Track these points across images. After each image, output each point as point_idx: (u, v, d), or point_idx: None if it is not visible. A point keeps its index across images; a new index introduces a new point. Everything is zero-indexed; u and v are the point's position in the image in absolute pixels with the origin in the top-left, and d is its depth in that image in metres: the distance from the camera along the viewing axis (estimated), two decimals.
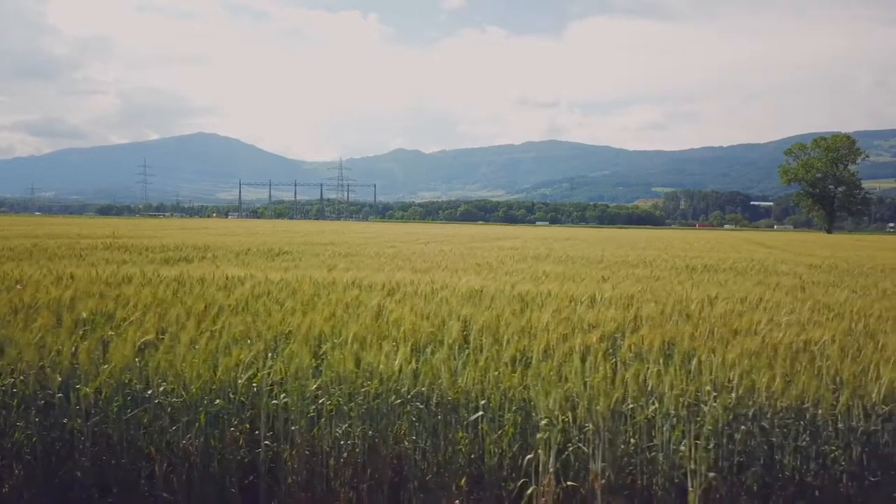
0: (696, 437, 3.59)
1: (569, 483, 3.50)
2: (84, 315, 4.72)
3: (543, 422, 3.48)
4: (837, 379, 3.86)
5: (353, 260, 12.19)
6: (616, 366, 4.03)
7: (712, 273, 12.17)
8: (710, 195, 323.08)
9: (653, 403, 3.68)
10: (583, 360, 4.00)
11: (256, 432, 3.85)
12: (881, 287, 9.95)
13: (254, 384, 3.90)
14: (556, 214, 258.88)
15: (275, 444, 3.79)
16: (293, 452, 3.76)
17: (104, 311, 4.85)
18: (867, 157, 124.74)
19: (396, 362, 3.87)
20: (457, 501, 3.83)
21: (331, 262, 11.51)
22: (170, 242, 17.04)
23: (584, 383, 3.68)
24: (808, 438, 3.70)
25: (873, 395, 3.72)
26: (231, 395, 3.83)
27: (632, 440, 3.68)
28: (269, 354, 4.10)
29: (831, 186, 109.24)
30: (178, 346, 3.99)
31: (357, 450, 3.77)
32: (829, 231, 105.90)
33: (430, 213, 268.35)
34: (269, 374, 3.86)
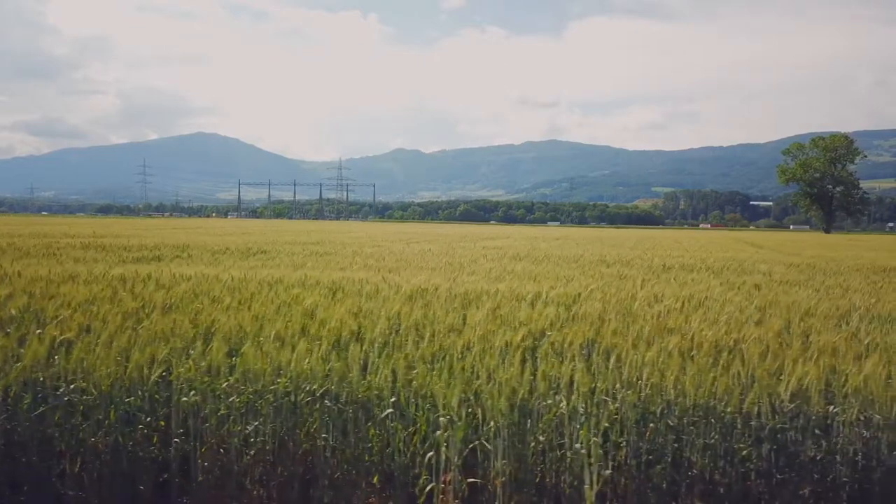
0: (600, 434, 3.58)
1: (470, 480, 3.50)
2: (13, 312, 4.72)
3: (443, 419, 3.47)
4: (750, 377, 3.85)
5: (324, 259, 12.19)
6: (525, 363, 4.01)
7: (685, 272, 12.16)
8: (709, 195, 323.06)
9: (561, 401, 3.67)
10: (502, 358, 4.01)
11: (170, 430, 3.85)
12: (847, 285, 9.95)
13: (172, 382, 3.90)
14: (555, 214, 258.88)
15: (186, 442, 3.79)
16: (203, 450, 3.76)
17: (35, 308, 4.85)
18: (865, 156, 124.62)
19: (308, 360, 3.87)
20: (372, 498, 3.83)
21: (301, 261, 11.51)
22: (150, 242, 17.03)
23: (489, 379, 3.68)
24: (716, 436, 3.70)
25: (782, 392, 3.72)
26: (142, 393, 3.83)
27: (541, 437, 3.67)
28: (189, 352, 4.10)
29: (829, 186, 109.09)
30: (97, 343, 3.99)
31: (267, 447, 3.77)
32: (827, 231, 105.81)
33: (429, 212, 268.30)
34: (181, 371, 3.85)
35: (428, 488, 3.45)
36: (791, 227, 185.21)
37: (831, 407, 3.79)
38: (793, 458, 3.69)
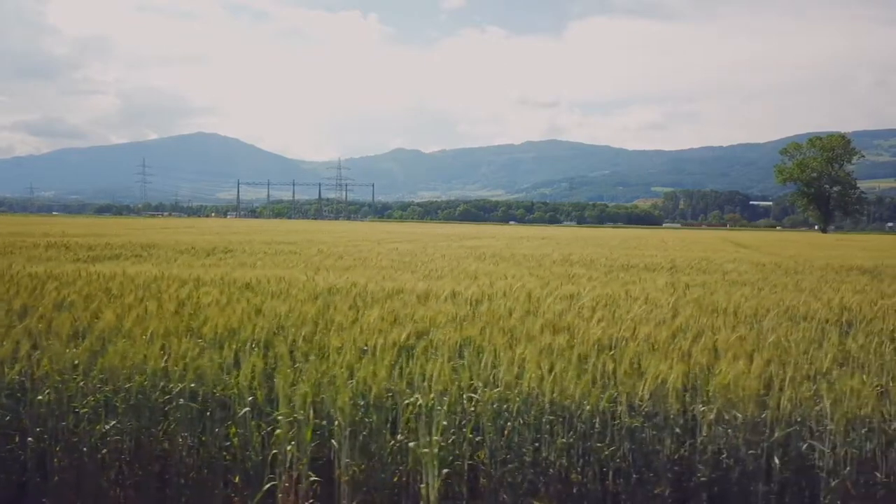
0: (453, 432, 3.55)
1: (312, 479, 3.46)
2: None
3: (282, 418, 3.44)
4: (610, 376, 3.82)
5: (277, 258, 12.16)
6: (399, 361, 3.98)
7: (642, 272, 12.13)
8: (709, 195, 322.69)
9: (417, 399, 3.64)
10: (372, 356, 3.97)
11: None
12: (796, 284, 9.90)
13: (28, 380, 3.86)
14: (554, 214, 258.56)
15: (42, 441, 3.75)
16: (58, 449, 3.73)
17: None
18: (862, 156, 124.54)
19: (173, 358, 3.83)
20: (236, 498, 3.80)
21: (252, 260, 11.49)
22: (120, 241, 17.02)
23: (350, 377, 3.64)
24: (574, 436, 3.66)
25: (640, 392, 3.68)
26: None
27: (398, 435, 3.64)
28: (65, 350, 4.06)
29: (826, 186, 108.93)
30: None
31: (124, 446, 3.73)
32: (824, 231, 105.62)
33: (428, 212, 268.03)
34: (39, 368, 3.82)
35: (266, 487, 3.42)
36: (777, 227, 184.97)
37: (697, 407, 3.76)
38: (651, 458, 3.66)
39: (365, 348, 4.16)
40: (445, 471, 3.42)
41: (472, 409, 3.66)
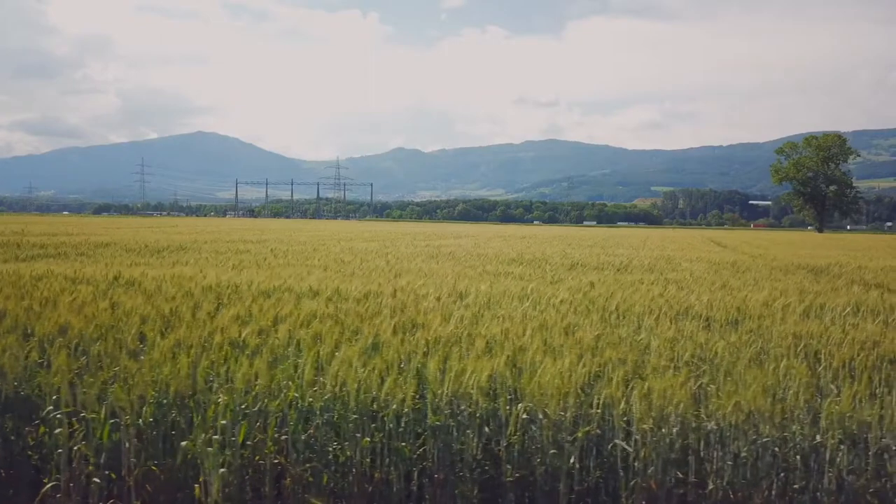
0: (256, 431, 3.50)
1: (94, 480, 3.40)
2: None
3: (60, 416, 3.39)
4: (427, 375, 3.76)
5: (223, 257, 12.13)
6: (223, 358, 3.92)
7: (586, 271, 12.07)
8: (708, 194, 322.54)
9: (219, 398, 3.58)
10: (187, 354, 3.92)
11: None
12: (728, 283, 9.83)
13: None
14: (553, 213, 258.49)
15: None
16: None
17: None
18: (858, 156, 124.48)
19: None
20: (51, 501, 3.74)
21: (188, 258, 11.44)
22: (77, 240, 16.99)
23: (131, 376, 3.59)
24: (380, 435, 3.61)
25: (444, 390, 3.62)
26: None
27: (204, 434, 3.58)
28: None
29: (823, 185, 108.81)
30: None
31: None
32: (820, 230, 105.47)
33: (427, 212, 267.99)
34: None
35: (49, 486, 3.36)
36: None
37: (507, 405, 3.70)
38: (456, 457, 3.60)
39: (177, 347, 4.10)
40: (222, 470, 3.36)
41: (277, 408, 3.60)
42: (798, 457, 3.61)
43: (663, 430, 3.57)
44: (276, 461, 3.62)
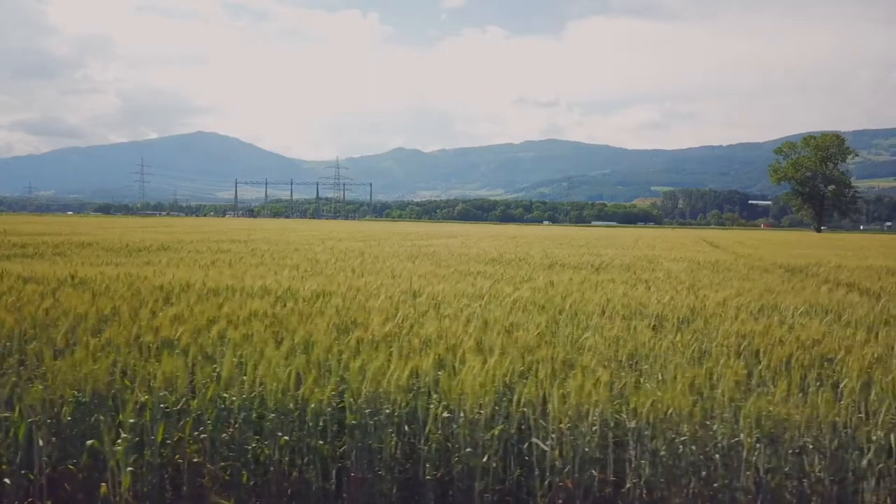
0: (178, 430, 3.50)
1: (4, 480, 3.41)
2: None
3: None
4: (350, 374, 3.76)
5: (198, 256, 12.14)
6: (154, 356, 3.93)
7: (565, 270, 12.06)
8: (708, 194, 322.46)
9: (138, 396, 3.58)
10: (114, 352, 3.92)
11: None
12: (698, 282, 9.83)
13: None
14: (553, 213, 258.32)
15: None
16: None
17: None
18: (856, 155, 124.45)
19: None
20: None
21: (160, 258, 11.46)
22: (58, 240, 17.00)
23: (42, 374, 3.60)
24: (297, 434, 3.61)
25: (364, 388, 3.62)
26: None
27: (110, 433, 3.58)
28: None
29: (821, 185, 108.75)
30: None
31: None
32: (818, 230, 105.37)
33: (427, 212, 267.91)
34: None
35: None
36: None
37: (435, 405, 3.70)
38: (375, 456, 3.60)
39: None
40: (130, 469, 3.35)
41: (196, 407, 3.60)
42: (718, 455, 3.61)
43: (582, 428, 3.57)
44: (195, 460, 3.62)
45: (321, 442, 3.59)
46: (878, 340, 4.94)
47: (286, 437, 3.59)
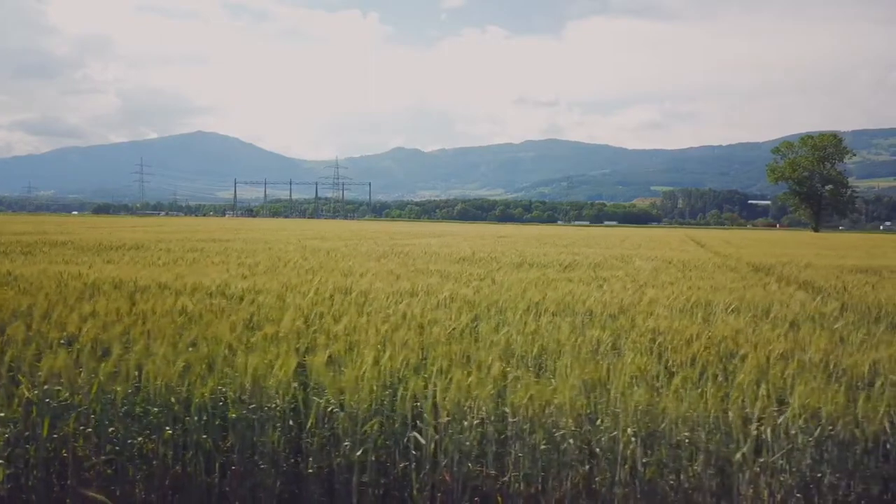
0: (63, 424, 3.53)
1: None
2: None
3: None
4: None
5: (172, 255, 12.20)
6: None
7: (534, 268, 12.09)
8: (707, 194, 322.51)
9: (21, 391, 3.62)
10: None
11: None
12: (657, 280, 9.85)
13: None
14: (553, 213, 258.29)
15: None
16: None
17: None
18: (854, 155, 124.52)
19: None
20: None
21: (120, 256, 11.51)
22: (30, 239, 17.07)
23: None
24: (179, 427, 3.65)
25: (244, 383, 3.65)
26: None
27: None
28: None
29: (818, 185, 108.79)
30: None
31: None
32: (815, 230, 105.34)
33: (426, 211, 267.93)
34: None
35: None
36: (779, 226, 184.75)
37: (323, 398, 3.73)
38: (257, 450, 3.63)
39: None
40: (0, 462, 3.39)
41: (81, 401, 3.63)
42: (598, 449, 3.64)
43: (465, 422, 3.60)
44: (80, 454, 3.65)
45: (204, 436, 3.62)
46: (788, 337, 4.97)
47: (169, 431, 3.62)
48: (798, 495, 3.52)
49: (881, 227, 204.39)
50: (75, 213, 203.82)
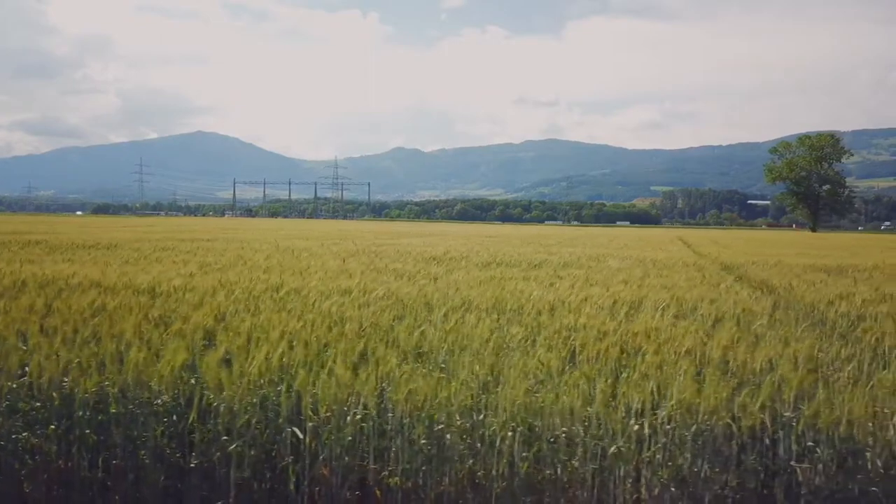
0: None
1: None
2: None
3: None
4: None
5: (140, 254, 12.26)
6: None
7: (499, 268, 12.13)
8: (707, 194, 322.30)
9: None
10: None
11: None
12: (625, 280, 9.85)
13: None
14: (552, 213, 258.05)
15: None
16: None
17: None
18: (851, 155, 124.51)
19: None
20: None
21: (97, 255, 11.58)
22: (6, 238, 17.15)
23: None
24: (68, 423, 3.69)
25: (128, 379, 3.70)
26: None
27: None
28: None
29: (816, 185, 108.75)
30: None
31: None
32: (813, 230, 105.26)
33: (426, 211, 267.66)
34: None
35: None
36: (771, 227, 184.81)
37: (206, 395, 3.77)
38: (141, 445, 3.67)
39: None
40: None
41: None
42: (479, 444, 3.68)
43: (347, 417, 3.64)
44: None
45: (87, 431, 3.66)
46: (702, 333, 5.00)
47: (53, 426, 3.66)
48: (674, 489, 3.56)
49: (881, 227, 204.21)
50: (79, 213, 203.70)
